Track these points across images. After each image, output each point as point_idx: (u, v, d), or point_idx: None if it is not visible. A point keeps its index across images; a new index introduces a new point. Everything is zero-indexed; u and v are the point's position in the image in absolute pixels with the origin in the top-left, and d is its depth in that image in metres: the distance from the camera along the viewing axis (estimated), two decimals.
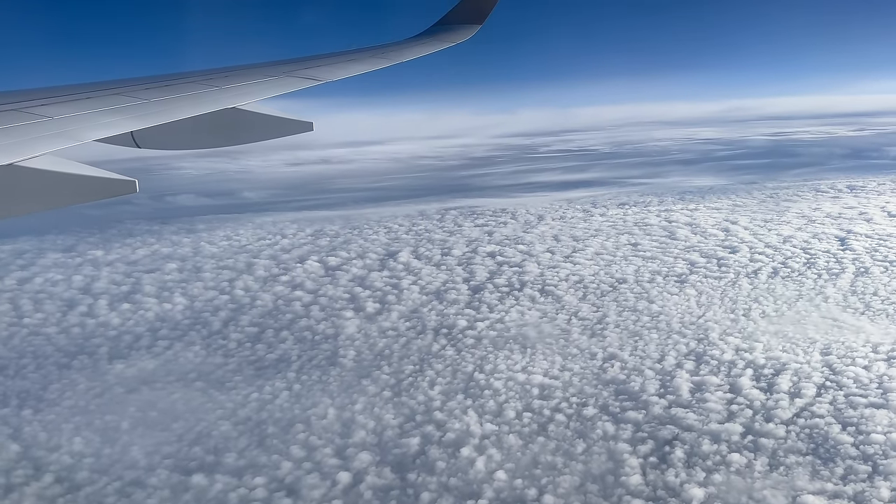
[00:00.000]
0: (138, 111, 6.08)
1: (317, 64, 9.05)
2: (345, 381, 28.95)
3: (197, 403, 27.37)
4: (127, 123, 5.69)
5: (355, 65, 9.20)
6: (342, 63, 9.19)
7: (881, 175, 75.03)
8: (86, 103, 6.05)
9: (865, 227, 50.75)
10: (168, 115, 6.11)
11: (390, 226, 59.69)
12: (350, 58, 9.65)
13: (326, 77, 8.33)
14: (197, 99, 6.81)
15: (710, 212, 60.83)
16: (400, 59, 9.96)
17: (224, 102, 6.79)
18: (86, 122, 5.45)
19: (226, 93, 7.16)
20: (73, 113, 5.64)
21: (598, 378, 28.12)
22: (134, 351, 33.05)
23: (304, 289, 42.09)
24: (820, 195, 66.69)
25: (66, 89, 6.72)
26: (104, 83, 7.27)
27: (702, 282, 40.53)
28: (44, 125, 5.23)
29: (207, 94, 7.02)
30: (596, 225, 56.92)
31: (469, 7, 12.10)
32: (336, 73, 8.60)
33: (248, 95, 7.14)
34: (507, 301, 38.15)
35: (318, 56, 9.78)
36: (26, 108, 5.62)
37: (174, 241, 56.89)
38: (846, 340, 30.66)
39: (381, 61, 9.66)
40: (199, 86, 7.32)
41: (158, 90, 6.94)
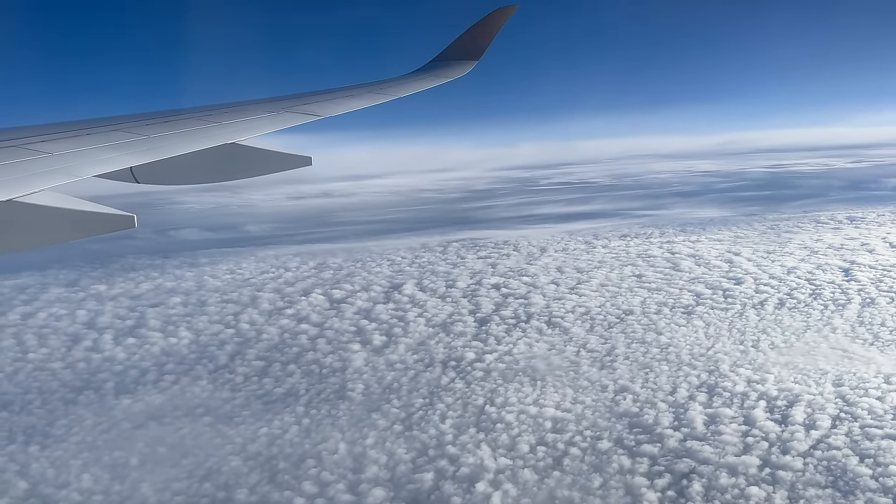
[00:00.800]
0: (138, 147, 6.12)
1: (315, 100, 9.13)
2: (354, 415, 28.68)
3: (206, 439, 27.05)
4: (126, 159, 5.73)
5: (353, 100, 9.28)
6: (340, 99, 9.27)
7: (880, 206, 75.47)
8: (86, 139, 6.10)
9: (869, 258, 50.87)
10: (167, 150, 6.14)
11: (393, 258, 59.65)
12: (348, 93, 9.74)
13: (325, 112, 8.40)
14: (196, 135, 6.84)
15: (713, 243, 60.94)
16: (398, 95, 10.04)
17: (223, 138, 6.83)
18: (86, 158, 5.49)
19: (225, 128, 7.22)
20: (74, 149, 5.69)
21: (611, 411, 27.90)
22: (140, 386, 32.77)
23: (309, 322, 41.92)
24: (820, 226, 66.94)
25: (67, 126, 6.78)
26: (104, 119, 7.34)
27: (709, 313, 40.46)
28: (44, 161, 5.27)
29: (207, 130, 7.06)
30: (599, 256, 56.97)
31: (466, 44, 12.25)
32: (334, 109, 8.68)
33: (247, 131, 7.22)
34: (514, 333, 38.01)
35: (316, 92, 9.87)
36: (27, 145, 5.65)
37: (177, 275, 56.75)
38: (857, 371, 30.53)
39: (379, 97, 9.74)
40: (199, 122, 7.37)
41: (158, 126, 6.99)
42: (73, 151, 5.61)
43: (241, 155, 7.06)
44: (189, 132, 6.89)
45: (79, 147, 5.77)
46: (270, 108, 8.38)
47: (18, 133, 6.20)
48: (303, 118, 8.02)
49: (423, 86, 10.72)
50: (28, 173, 4.90)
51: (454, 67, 11.79)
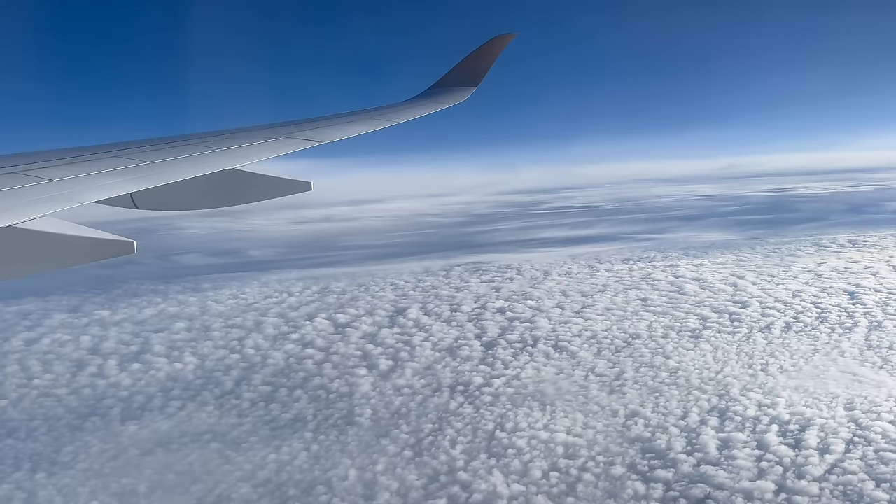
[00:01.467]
0: (138, 173, 6.13)
1: (315, 126, 9.16)
2: (363, 440, 28.45)
3: (214, 465, 26.79)
4: (126, 185, 5.75)
5: (353, 126, 9.32)
6: (340, 125, 9.32)
7: (881, 230, 75.66)
8: (86, 165, 6.12)
9: (873, 282, 50.89)
10: (167, 176, 6.14)
11: (396, 282, 59.57)
12: (348, 119, 9.78)
13: (325, 138, 8.44)
14: (196, 160, 6.85)
15: (716, 267, 60.97)
16: (397, 121, 10.07)
17: (223, 164, 6.82)
18: (85, 184, 5.51)
19: (225, 154, 7.23)
20: (74, 175, 5.70)
21: (623, 436, 27.71)
22: (147, 412, 32.52)
23: (314, 346, 41.75)
24: (823, 250, 67.03)
25: (67, 152, 6.79)
26: (104, 146, 7.35)
27: (716, 337, 40.36)
28: (44, 187, 5.28)
29: (207, 156, 7.07)
30: (603, 280, 56.94)
31: (465, 70, 12.37)
32: (334, 135, 8.71)
33: (247, 157, 7.24)
34: (521, 357, 37.86)
35: (316, 118, 9.93)
36: (27, 171, 5.66)
37: (180, 301, 56.61)
38: (868, 395, 30.39)
39: (378, 123, 9.78)
40: (199, 147, 7.38)
41: (158, 152, 7.00)
42: (73, 177, 5.64)
43: (241, 180, 7.10)
44: (189, 158, 6.92)
45: (79, 173, 5.79)
46: (270, 134, 8.44)
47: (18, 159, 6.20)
48: (303, 144, 8.09)
49: (422, 112, 10.81)
50: (28, 199, 4.92)
51: (453, 93, 11.92)
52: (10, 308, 52.98)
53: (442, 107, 11.26)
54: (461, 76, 12.34)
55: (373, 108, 10.83)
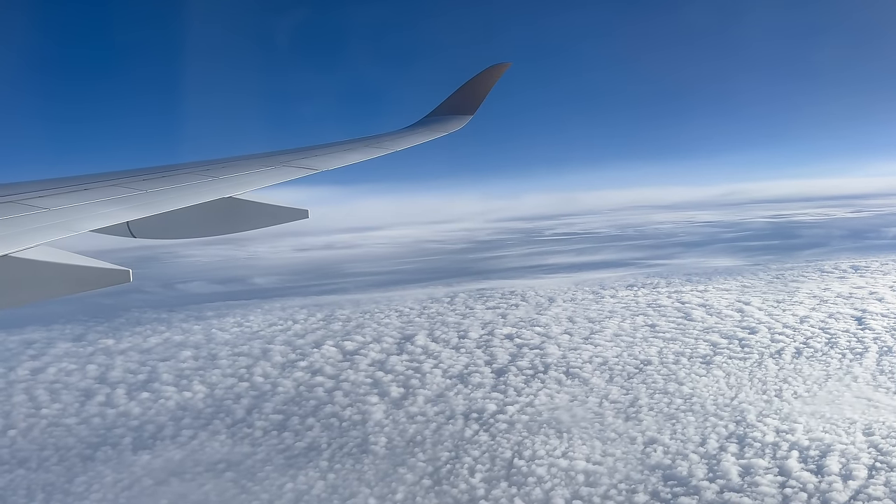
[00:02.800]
0: (134, 202, 6.09)
1: (313, 154, 9.13)
2: (380, 469, 28.15)
3: (230, 495, 26.47)
4: (122, 214, 5.72)
5: (351, 154, 9.31)
6: (338, 153, 9.30)
7: (882, 255, 76.03)
8: (82, 194, 6.06)
9: (880, 307, 51.00)
10: (164, 205, 6.12)
11: (401, 309, 59.42)
12: (345, 147, 9.77)
13: (322, 166, 8.40)
14: (193, 189, 6.83)
15: (721, 293, 61.05)
16: (394, 149, 10.06)
17: (220, 192, 6.81)
18: (82, 213, 5.48)
19: (222, 182, 7.21)
20: (70, 204, 5.67)
21: (643, 463, 27.49)
22: (159, 441, 32.17)
23: (324, 374, 41.48)
24: (826, 275, 67.23)
25: (63, 181, 6.76)
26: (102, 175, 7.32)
27: (727, 363, 40.27)
28: (40, 216, 5.25)
29: (204, 185, 7.06)
30: (609, 306, 56.91)
31: (461, 99, 12.47)
32: (332, 163, 8.68)
33: (244, 185, 7.21)
34: (533, 384, 37.67)
35: (314, 146, 9.88)
36: (23, 200, 5.63)
37: (185, 329, 56.33)
38: (886, 420, 30.30)
39: (375, 151, 9.76)
40: (196, 176, 7.36)
41: (155, 181, 6.99)
42: (70, 206, 5.61)
43: (238, 209, 7.07)
44: (186, 186, 6.90)
45: (75, 202, 5.75)
46: (268, 162, 8.40)
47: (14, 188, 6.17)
48: (300, 172, 8.04)
49: (418, 140, 10.81)
50: (24, 228, 4.90)
51: (449, 122, 11.95)
52: (13, 337, 52.61)
53: (438, 135, 11.31)
54: (457, 104, 12.45)
55: (370, 137, 10.86)
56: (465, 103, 12.40)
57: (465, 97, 12.46)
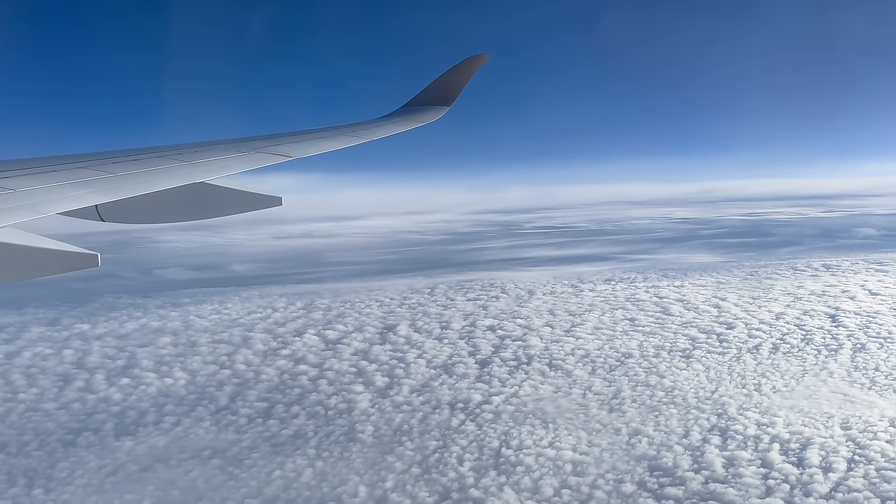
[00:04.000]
0: (104, 185, 5.97)
1: (287, 140, 9.02)
2: (368, 457, 28.18)
3: (218, 482, 26.29)
4: (91, 197, 5.58)
5: (326, 142, 9.20)
6: (313, 140, 9.20)
7: (852, 255, 77.70)
8: (49, 176, 5.92)
9: (852, 305, 52.16)
10: (134, 189, 5.98)
11: (382, 299, 59.35)
12: (320, 135, 9.68)
13: (297, 153, 8.30)
14: (164, 173, 6.72)
15: (697, 288, 61.92)
16: (370, 138, 9.99)
17: (192, 177, 6.69)
18: (48, 195, 5.34)
19: (194, 167, 7.09)
20: (36, 185, 5.55)
21: (629, 454, 27.89)
22: (141, 427, 31.82)
23: (307, 363, 41.32)
24: (799, 273, 68.54)
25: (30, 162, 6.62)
26: (70, 156, 7.18)
27: (706, 357, 40.93)
28: (6, 197, 5.11)
29: (175, 169, 6.95)
30: (588, 300, 57.44)
31: (439, 90, 12.41)
32: (306, 150, 8.57)
33: (216, 170, 7.10)
34: (517, 375, 37.94)
35: (288, 133, 9.79)
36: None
37: (161, 315, 55.67)
38: (862, 415, 31.07)
39: (351, 139, 9.67)
40: (167, 160, 7.25)
41: (125, 164, 6.85)
42: (36, 188, 5.48)
43: (209, 194, 7.03)
44: (157, 171, 6.79)
45: (41, 184, 5.61)
46: (241, 148, 8.29)
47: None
48: (274, 159, 7.93)
49: (395, 129, 10.74)
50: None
51: (427, 112, 11.90)
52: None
53: (416, 125, 11.23)
54: (435, 95, 12.39)
55: (345, 125, 10.76)
56: (443, 94, 12.35)
57: (442, 88, 12.41)
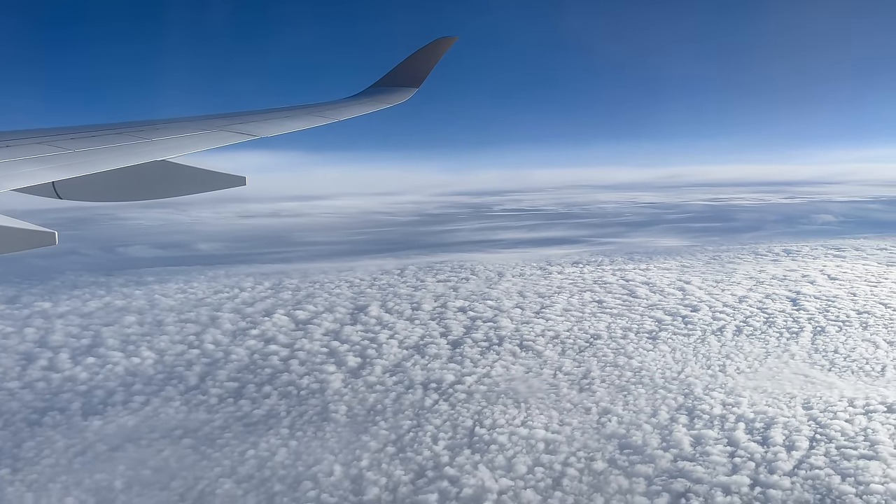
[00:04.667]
0: (60, 161, 5.76)
1: (251, 119, 8.86)
2: (343, 437, 28.22)
3: (191, 461, 26.08)
4: (47, 174, 5.38)
5: (291, 121, 9.04)
6: (278, 119, 9.05)
7: (812, 240, 79.71)
8: (4, 151, 5.74)
9: (812, 289, 53.57)
10: (92, 166, 5.74)
11: (351, 280, 59.16)
12: (286, 114, 9.52)
13: (262, 132, 8.11)
14: (124, 150, 6.51)
15: (662, 272, 62.96)
16: (337, 118, 9.84)
17: (153, 155, 6.49)
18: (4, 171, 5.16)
19: (155, 145, 6.87)
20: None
21: (599, 432, 28.41)
22: (110, 407, 31.35)
23: (277, 343, 41.05)
24: (760, 258, 70.08)
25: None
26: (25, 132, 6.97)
27: (672, 338, 41.73)
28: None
29: (136, 146, 6.72)
30: (557, 282, 58.02)
31: (407, 71, 12.33)
32: (272, 129, 8.39)
33: (178, 148, 6.91)
34: (488, 356, 38.25)
35: (253, 111, 9.61)
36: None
37: (125, 294, 54.74)
38: (823, 396, 32.05)
39: (317, 119, 9.54)
40: (128, 137, 7.03)
41: (84, 140, 6.61)
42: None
43: (171, 173, 6.89)
44: (117, 148, 6.57)
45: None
46: (204, 125, 8.10)
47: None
48: (238, 137, 7.70)
49: (362, 110, 10.62)
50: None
51: (394, 93, 11.81)
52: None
53: (383, 106, 11.12)
54: (403, 76, 12.29)
55: (313, 105, 10.62)
56: (411, 75, 12.25)
57: (410, 69, 12.30)
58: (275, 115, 9.40)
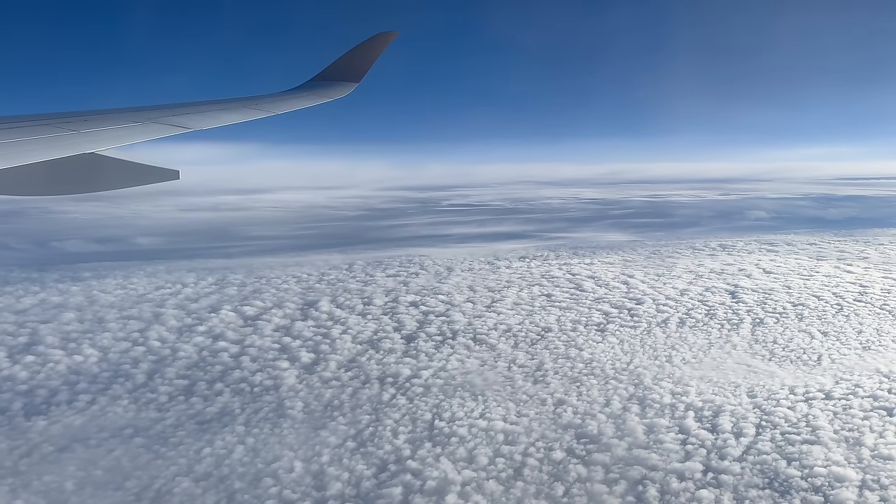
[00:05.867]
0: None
1: (185, 111, 8.58)
2: (301, 433, 27.92)
3: (145, 460, 25.37)
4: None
5: (227, 114, 8.84)
6: (213, 112, 8.82)
7: (746, 235, 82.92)
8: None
9: (749, 283, 55.68)
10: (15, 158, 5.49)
11: (299, 275, 58.46)
12: (222, 107, 9.31)
13: (195, 125, 7.83)
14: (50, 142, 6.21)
15: (606, 266, 64.37)
16: (275, 112, 9.63)
17: (80, 147, 6.20)
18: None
19: (83, 137, 6.55)
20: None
21: (556, 423, 28.90)
22: (54, 406, 30.19)
23: (226, 339, 40.25)
24: (697, 252, 72.45)
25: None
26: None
27: (620, 330, 42.75)
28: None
29: (62, 138, 6.41)
30: (506, 276, 58.66)
31: (347, 65, 12.23)
32: (206, 122, 8.13)
33: (107, 141, 6.60)
34: (443, 349, 38.41)
35: (187, 104, 9.34)
36: None
37: (61, 290, 52.77)
38: (765, 384, 33.39)
39: (254, 112, 9.30)
40: (53, 129, 6.71)
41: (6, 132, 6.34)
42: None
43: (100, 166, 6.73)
44: (41, 139, 6.27)
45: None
46: (135, 117, 7.77)
47: None
48: (171, 130, 7.42)
49: (301, 104, 10.43)
50: None
51: (334, 88, 11.66)
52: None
53: (322, 100, 10.95)
54: (343, 71, 12.18)
55: (249, 97, 10.38)
56: (351, 70, 12.15)
57: (350, 64, 12.21)
58: (210, 107, 9.18)
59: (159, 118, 7.78)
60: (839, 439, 27.21)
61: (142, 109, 8.42)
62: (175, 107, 8.86)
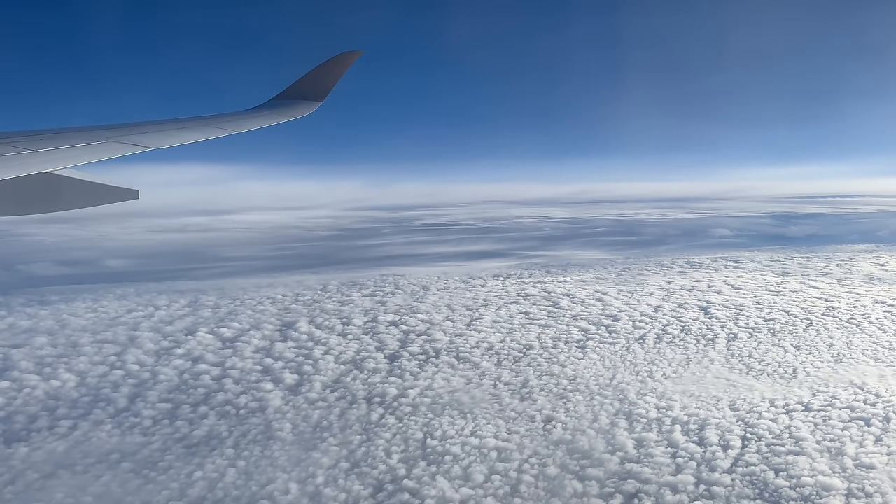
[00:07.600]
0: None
1: (144, 130, 8.37)
2: (292, 455, 27.66)
3: (135, 485, 24.87)
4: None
5: (188, 133, 8.60)
6: (173, 131, 8.60)
7: (712, 253, 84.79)
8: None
9: (719, 298, 56.92)
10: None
11: (273, 296, 57.96)
12: (182, 126, 9.07)
13: (155, 144, 7.65)
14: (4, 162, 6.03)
15: (580, 284, 65.17)
16: (237, 130, 9.44)
17: (36, 167, 6.01)
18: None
19: (38, 156, 6.33)
20: None
21: (546, 439, 29.15)
22: (34, 433, 29.41)
23: (206, 362, 39.69)
24: (666, 270, 73.76)
25: None
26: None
27: (600, 347, 43.31)
28: None
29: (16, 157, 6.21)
30: (482, 295, 58.97)
31: (310, 84, 12.08)
32: (166, 141, 7.93)
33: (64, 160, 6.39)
34: (427, 368, 38.44)
35: (147, 122, 9.15)
36: None
37: (30, 314, 51.48)
38: (746, 397, 34.15)
39: (216, 131, 9.11)
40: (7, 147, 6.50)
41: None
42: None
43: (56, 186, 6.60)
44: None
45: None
46: (92, 136, 7.55)
47: None
48: (129, 149, 7.19)
49: (263, 122, 10.26)
50: None
51: (297, 106, 11.51)
52: None
53: (285, 119, 10.78)
54: (306, 89, 12.04)
55: (211, 116, 10.20)
56: (315, 89, 12.01)
57: (314, 83, 12.06)
58: (170, 126, 8.95)
59: (118, 137, 7.59)
60: (822, 449, 27.98)
61: (100, 128, 8.19)
62: (134, 125, 8.69)
